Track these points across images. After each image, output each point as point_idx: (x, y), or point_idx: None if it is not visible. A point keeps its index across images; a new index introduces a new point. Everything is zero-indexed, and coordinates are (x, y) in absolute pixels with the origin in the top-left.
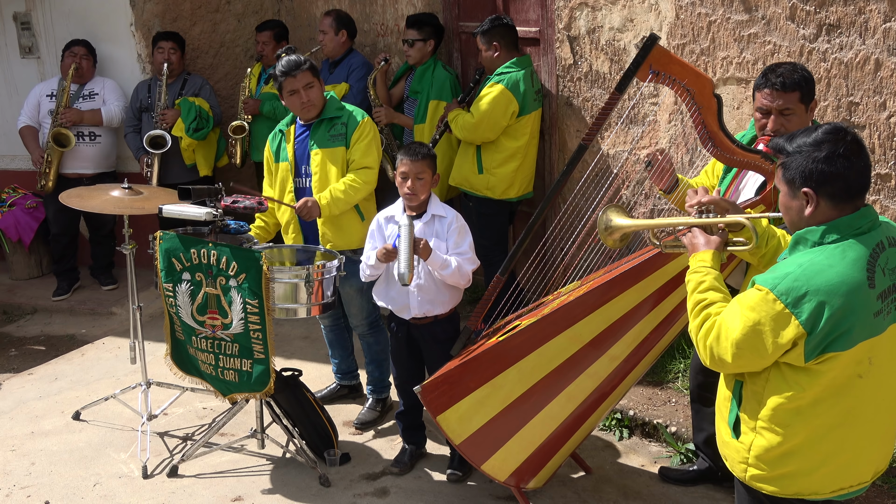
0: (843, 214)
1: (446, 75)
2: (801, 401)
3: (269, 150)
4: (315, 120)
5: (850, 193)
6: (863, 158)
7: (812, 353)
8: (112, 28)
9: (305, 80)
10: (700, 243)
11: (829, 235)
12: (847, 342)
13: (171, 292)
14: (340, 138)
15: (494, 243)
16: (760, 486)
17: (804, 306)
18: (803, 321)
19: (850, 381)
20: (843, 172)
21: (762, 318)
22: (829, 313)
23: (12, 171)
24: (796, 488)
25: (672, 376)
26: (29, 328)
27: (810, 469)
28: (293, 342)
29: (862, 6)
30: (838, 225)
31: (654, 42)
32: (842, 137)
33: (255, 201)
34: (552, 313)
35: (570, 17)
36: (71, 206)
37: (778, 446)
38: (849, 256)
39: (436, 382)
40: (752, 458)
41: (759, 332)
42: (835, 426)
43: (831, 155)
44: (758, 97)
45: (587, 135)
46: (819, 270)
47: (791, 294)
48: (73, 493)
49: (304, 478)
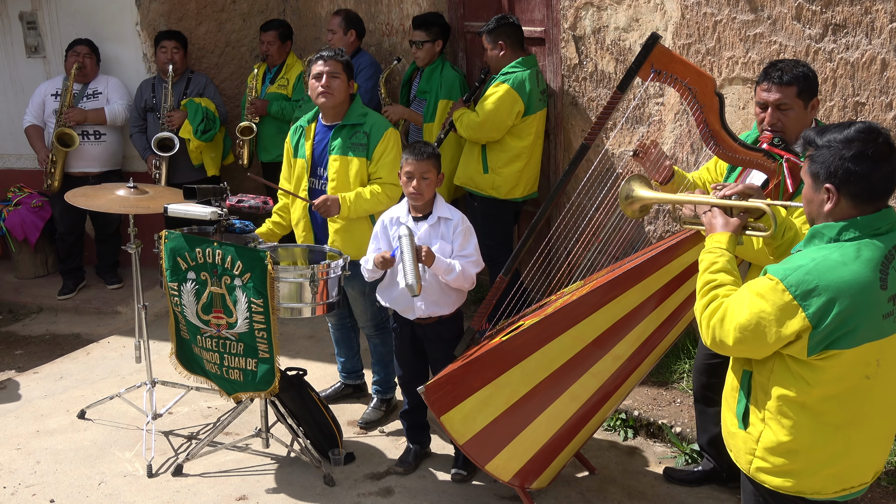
0: (862, 214)
1: (455, 74)
2: (807, 396)
3: (289, 142)
4: (338, 123)
5: (872, 195)
6: (891, 162)
7: (815, 349)
8: (118, 27)
9: (334, 69)
10: (719, 224)
11: (847, 233)
12: (851, 341)
13: (176, 291)
14: (361, 148)
15: (499, 243)
16: (764, 480)
17: (813, 300)
18: (810, 315)
19: (859, 382)
20: (868, 173)
21: (769, 307)
22: (837, 311)
23: (18, 169)
24: (800, 486)
25: (677, 377)
26: (34, 327)
27: (816, 468)
28: (298, 341)
29: (868, 6)
30: (857, 223)
31: (656, 41)
32: (873, 139)
33: (261, 200)
34: (555, 313)
35: (576, 17)
36: (77, 205)
37: (786, 441)
38: (863, 256)
39: (439, 382)
40: (759, 449)
41: (765, 319)
42: (842, 427)
43: (859, 154)
44: (757, 91)
45: (589, 134)
46: (832, 267)
47: (801, 287)
48: (77, 492)
49: (309, 477)
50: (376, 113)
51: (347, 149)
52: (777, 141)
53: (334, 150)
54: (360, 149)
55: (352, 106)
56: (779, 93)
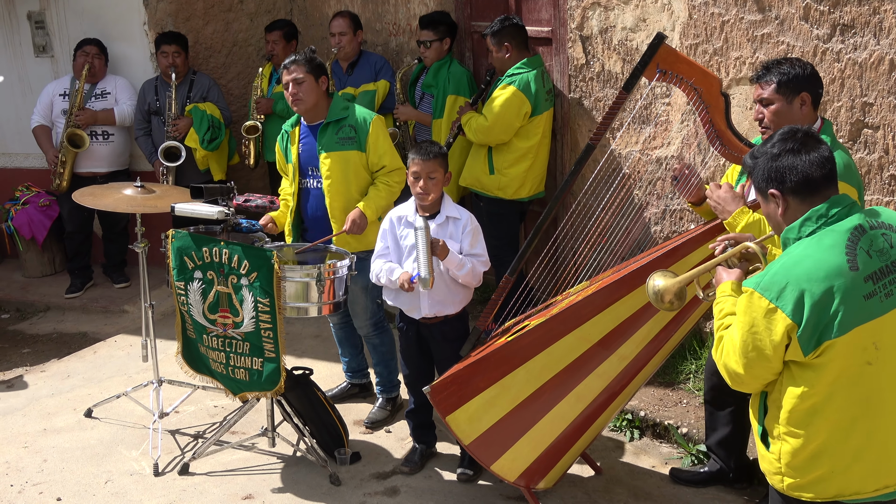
0: (813, 207)
1: (463, 70)
2: (815, 398)
3: (279, 149)
4: (321, 122)
5: (812, 185)
6: (818, 150)
7: (808, 345)
8: (125, 27)
9: (297, 74)
10: (723, 278)
11: (805, 228)
12: (838, 328)
13: (182, 290)
14: (350, 142)
15: (505, 243)
16: (799, 495)
17: (786, 296)
18: (789, 312)
19: (860, 369)
20: (796, 164)
21: (754, 319)
22: (812, 300)
23: (26, 169)
24: (834, 490)
25: (683, 377)
26: (42, 326)
27: (843, 467)
28: (304, 341)
29: (876, 6)
30: (810, 216)
31: (661, 41)
32: (791, 135)
33: (267, 200)
34: (560, 313)
35: (583, 17)
36: (84, 204)
37: (803, 448)
38: (824, 243)
39: (445, 383)
40: (783, 466)
41: (756, 333)
42: (856, 418)
43: (782, 152)
44: None
45: (595, 134)
46: (797, 261)
47: (773, 288)
48: (84, 490)
49: (315, 476)
50: (358, 105)
51: (336, 145)
52: None
53: (323, 149)
54: (350, 142)
55: (332, 102)
56: (760, 89)
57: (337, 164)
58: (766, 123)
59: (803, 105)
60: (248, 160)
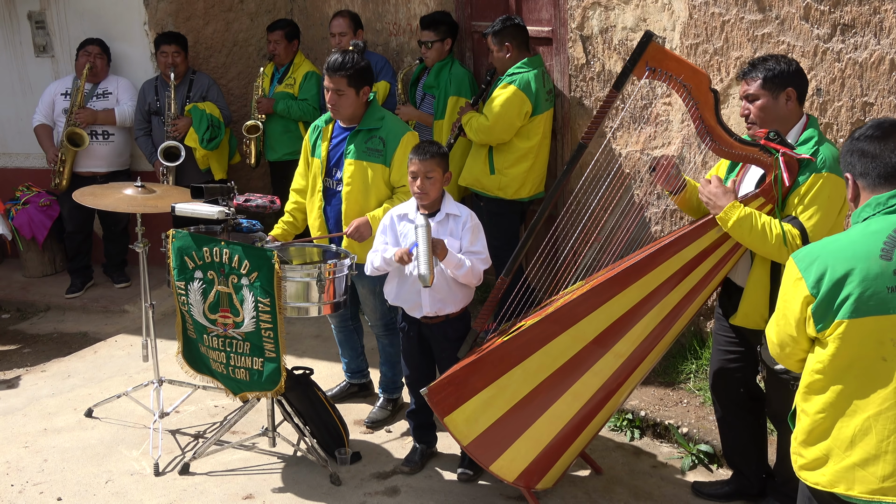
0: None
1: (464, 71)
2: (827, 378)
3: (307, 141)
4: (354, 127)
5: (880, 172)
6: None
7: (821, 320)
8: (126, 27)
9: (337, 86)
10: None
11: (863, 213)
12: (853, 310)
13: (183, 290)
14: (377, 154)
15: (506, 243)
16: (805, 477)
17: (812, 270)
18: (810, 285)
19: (874, 363)
20: (868, 150)
21: (787, 286)
22: (832, 277)
23: (26, 168)
24: (829, 478)
25: (684, 377)
26: (42, 326)
27: (836, 454)
28: (304, 341)
29: (877, 6)
30: (870, 203)
31: (650, 39)
32: (878, 125)
33: (268, 200)
34: (555, 312)
35: (583, 17)
36: (85, 204)
37: (810, 425)
38: (870, 228)
39: (442, 384)
40: (794, 443)
41: (787, 301)
42: (860, 409)
43: (860, 137)
44: None
45: (586, 133)
46: (836, 239)
47: (805, 259)
48: (85, 490)
49: (315, 476)
50: (394, 117)
51: (363, 154)
52: (773, 135)
53: (349, 155)
54: (377, 155)
55: (368, 111)
56: (746, 85)
57: (359, 173)
58: (752, 119)
59: (789, 100)
60: (249, 160)
